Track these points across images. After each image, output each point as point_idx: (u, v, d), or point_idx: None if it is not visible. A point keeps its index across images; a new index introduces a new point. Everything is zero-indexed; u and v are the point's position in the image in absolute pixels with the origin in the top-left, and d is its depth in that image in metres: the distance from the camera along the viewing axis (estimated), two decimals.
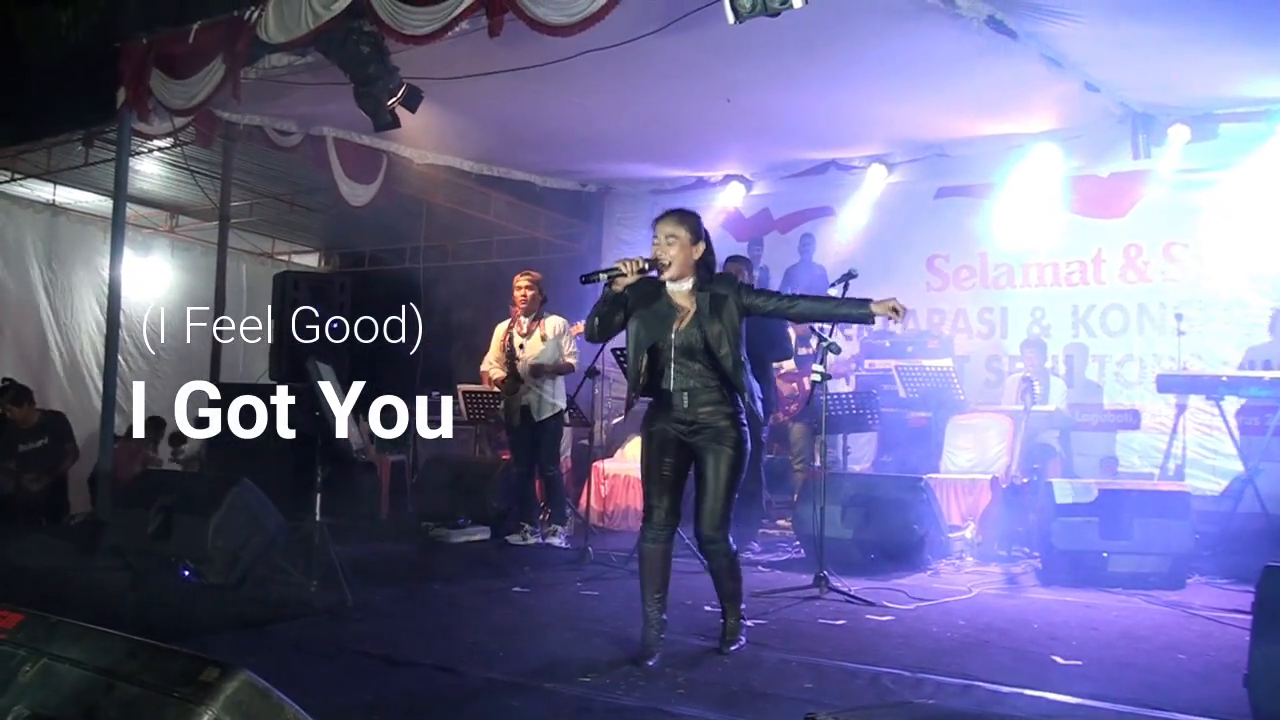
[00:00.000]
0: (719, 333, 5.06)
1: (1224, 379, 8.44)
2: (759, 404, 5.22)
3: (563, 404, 8.82)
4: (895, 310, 5.16)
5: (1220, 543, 7.71)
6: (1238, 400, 8.64)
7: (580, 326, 8.86)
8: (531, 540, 8.72)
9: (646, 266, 5.08)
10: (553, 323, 8.92)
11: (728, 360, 5.04)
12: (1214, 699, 4.09)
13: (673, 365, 5.09)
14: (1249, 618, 3.70)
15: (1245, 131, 9.51)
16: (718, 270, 5.42)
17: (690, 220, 5.28)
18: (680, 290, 5.16)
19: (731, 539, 5.16)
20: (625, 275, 5.04)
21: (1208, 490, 8.65)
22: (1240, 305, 9.59)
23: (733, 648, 5.12)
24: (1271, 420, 8.51)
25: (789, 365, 9.10)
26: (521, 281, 9.05)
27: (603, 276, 5.12)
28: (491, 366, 9.09)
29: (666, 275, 5.13)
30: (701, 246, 5.22)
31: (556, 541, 8.68)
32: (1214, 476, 8.98)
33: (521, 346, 8.88)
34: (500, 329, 9.14)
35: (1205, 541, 7.46)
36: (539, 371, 8.78)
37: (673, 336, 5.09)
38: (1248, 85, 8.84)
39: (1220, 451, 8.82)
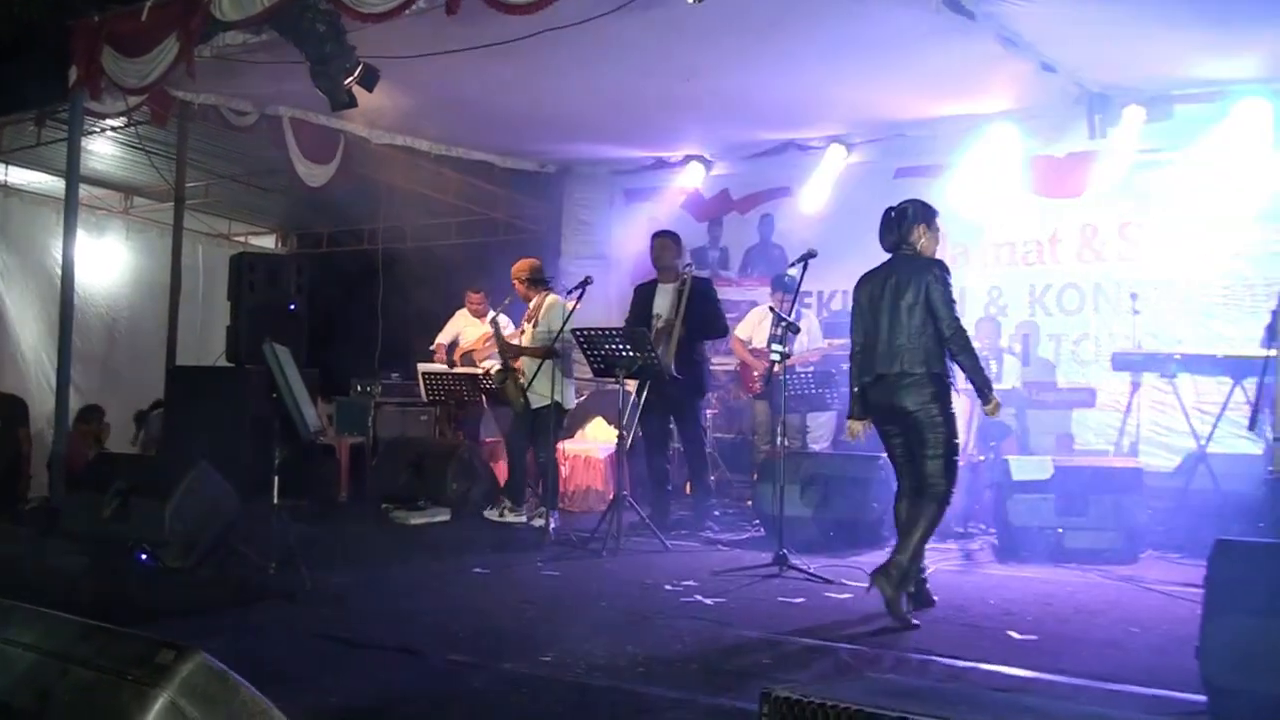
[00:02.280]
0: None
1: (1177, 357, 8.56)
2: None
3: (549, 392, 8.71)
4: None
5: (1173, 518, 7.81)
6: (1194, 378, 8.77)
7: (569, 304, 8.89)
8: (509, 518, 8.67)
9: None
10: (545, 305, 8.89)
11: None
12: (1166, 672, 4.16)
13: None
14: (1201, 591, 3.74)
15: (1200, 112, 9.57)
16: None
17: None
18: None
19: None
20: None
21: (1161, 466, 8.73)
22: (1196, 284, 9.68)
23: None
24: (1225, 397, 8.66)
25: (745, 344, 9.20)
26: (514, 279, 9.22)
27: None
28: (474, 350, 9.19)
29: None
30: None
31: (540, 524, 8.60)
32: (1167, 453, 9.07)
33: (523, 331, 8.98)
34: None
35: (1159, 517, 7.56)
36: (520, 353, 8.78)
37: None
38: (1202, 66, 8.91)
39: (1174, 428, 8.92)
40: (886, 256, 5.98)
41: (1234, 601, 3.58)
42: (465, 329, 10.30)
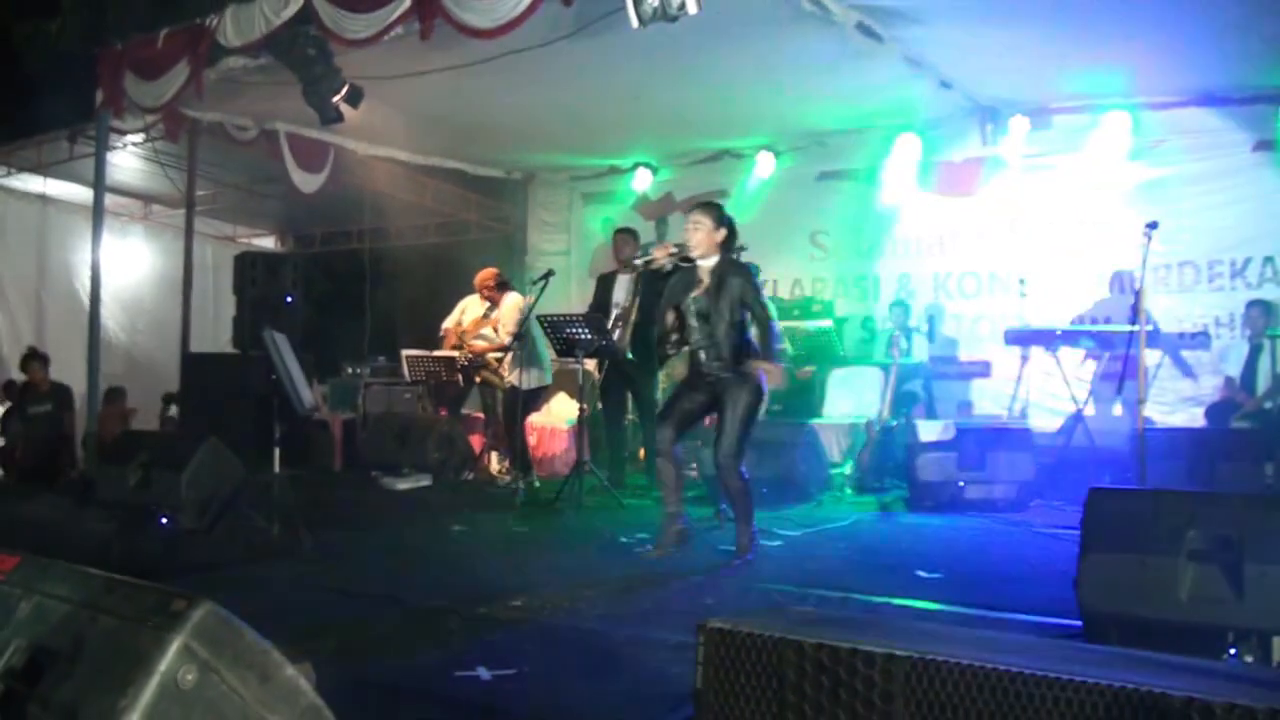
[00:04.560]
0: (720, 304, 5.49)
1: (1059, 333, 8.68)
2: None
3: (512, 378, 8.80)
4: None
5: (1056, 471, 7.92)
6: (1074, 351, 8.91)
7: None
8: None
9: (676, 249, 5.63)
10: (503, 305, 8.97)
11: (721, 329, 5.50)
12: (1049, 601, 4.22)
13: (687, 323, 5.63)
14: (1078, 532, 3.81)
15: (1075, 122, 9.69)
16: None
17: (713, 210, 5.66)
18: (704, 266, 5.59)
19: (743, 468, 5.64)
20: (658, 259, 5.68)
21: (1046, 427, 8.86)
22: (1073, 270, 9.80)
23: (746, 557, 5.53)
24: (1098, 366, 8.80)
25: None
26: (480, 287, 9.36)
27: (638, 261, 5.78)
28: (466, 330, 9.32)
29: (694, 255, 5.56)
30: (723, 231, 5.58)
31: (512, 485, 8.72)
32: (1051, 415, 9.20)
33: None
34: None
35: (1044, 470, 7.66)
36: (475, 350, 8.96)
37: (691, 300, 5.57)
38: (1075, 82, 9.01)
39: (1056, 394, 9.04)
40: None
41: (1105, 540, 3.64)
42: (468, 308, 10.14)
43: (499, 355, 8.97)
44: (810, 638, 2.05)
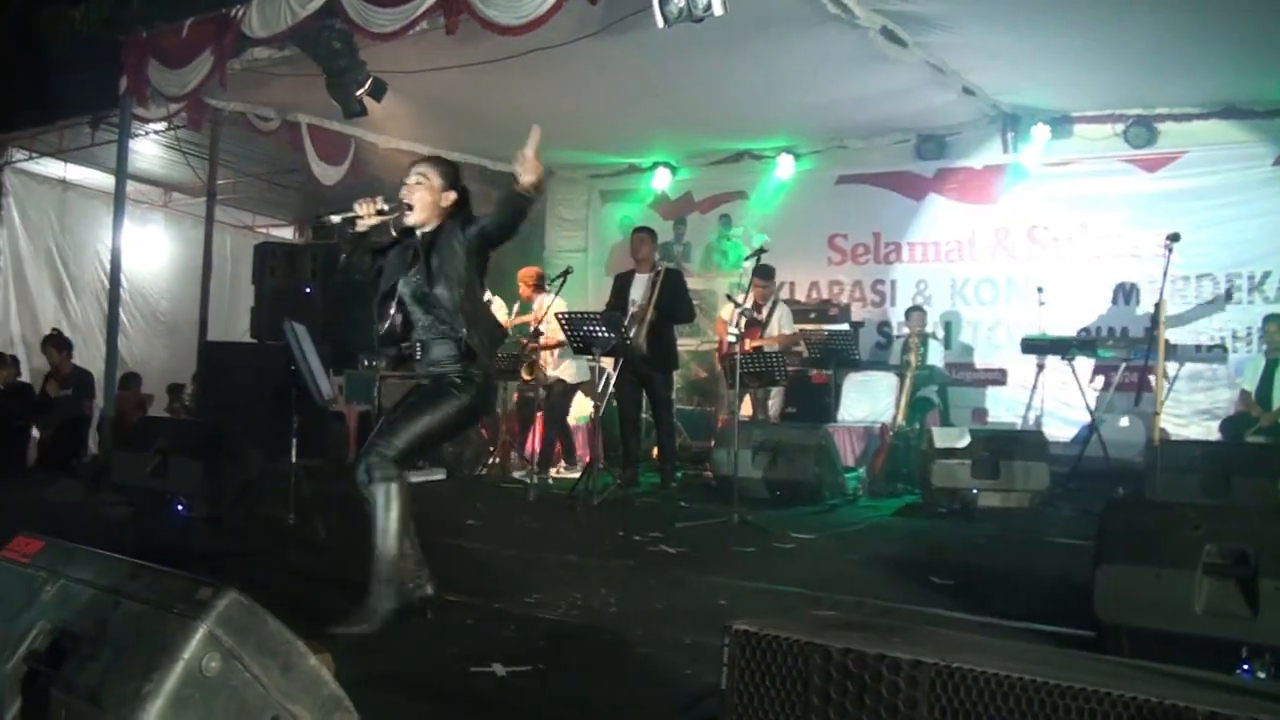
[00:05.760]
0: (435, 269, 4.13)
1: (1075, 342, 8.65)
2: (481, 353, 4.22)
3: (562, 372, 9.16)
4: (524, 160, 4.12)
5: (1071, 480, 7.90)
6: (1090, 360, 8.88)
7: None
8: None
9: (387, 208, 4.19)
10: (548, 310, 9.00)
11: (446, 302, 4.13)
12: (1063, 611, 4.20)
13: (408, 312, 4.23)
14: (1092, 543, 3.80)
15: (1096, 131, 9.69)
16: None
17: (443, 166, 4.40)
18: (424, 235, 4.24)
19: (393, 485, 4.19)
20: (363, 217, 4.15)
21: (1061, 436, 8.84)
22: (1089, 279, 9.78)
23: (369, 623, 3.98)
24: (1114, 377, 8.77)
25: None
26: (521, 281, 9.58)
27: (334, 218, 4.19)
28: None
29: (410, 219, 4.24)
30: (453, 195, 4.32)
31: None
32: (1066, 425, 9.18)
33: None
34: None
35: (1058, 479, 7.63)
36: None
37: (401, 282, 4.20)
38: (1097, 92, 9.00)
39: (1072, 404, 9.01)
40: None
41: (1120, 551, 3.63)
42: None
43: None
44: (837, 642, 2.06)
